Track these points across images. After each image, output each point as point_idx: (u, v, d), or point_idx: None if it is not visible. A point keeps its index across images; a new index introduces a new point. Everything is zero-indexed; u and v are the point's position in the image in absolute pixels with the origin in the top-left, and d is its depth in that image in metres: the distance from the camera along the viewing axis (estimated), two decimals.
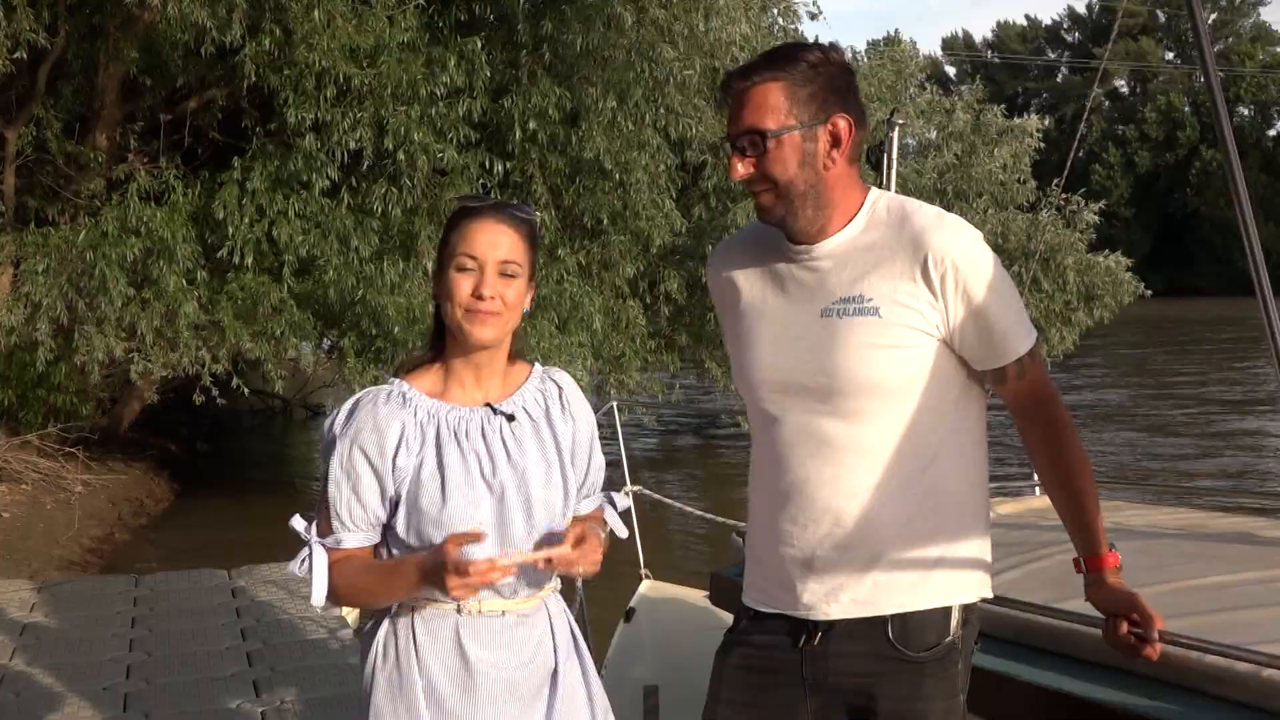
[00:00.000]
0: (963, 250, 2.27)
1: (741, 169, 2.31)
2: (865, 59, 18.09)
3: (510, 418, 2.36)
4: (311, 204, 10.77)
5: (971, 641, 2.42)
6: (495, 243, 2.27)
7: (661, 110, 12.23)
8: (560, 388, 2.47)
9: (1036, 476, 2.48)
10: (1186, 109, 72.32)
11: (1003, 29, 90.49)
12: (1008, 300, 2.31)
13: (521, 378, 2.44)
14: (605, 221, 12.23)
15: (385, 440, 2.29)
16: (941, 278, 2.26)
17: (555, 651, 2.42)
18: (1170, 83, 76.83)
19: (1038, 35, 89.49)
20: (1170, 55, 79.70)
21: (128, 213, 10.24)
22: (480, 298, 2.26)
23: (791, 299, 2.39)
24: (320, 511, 2.36)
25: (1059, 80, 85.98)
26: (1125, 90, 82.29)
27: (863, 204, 2.37)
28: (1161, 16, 78.85)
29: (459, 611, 2.30)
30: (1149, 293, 18.50)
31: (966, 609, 2.38)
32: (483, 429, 2.33)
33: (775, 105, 2.28)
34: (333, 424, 2.35)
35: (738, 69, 2.36)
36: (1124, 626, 2.26)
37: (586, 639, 2.55)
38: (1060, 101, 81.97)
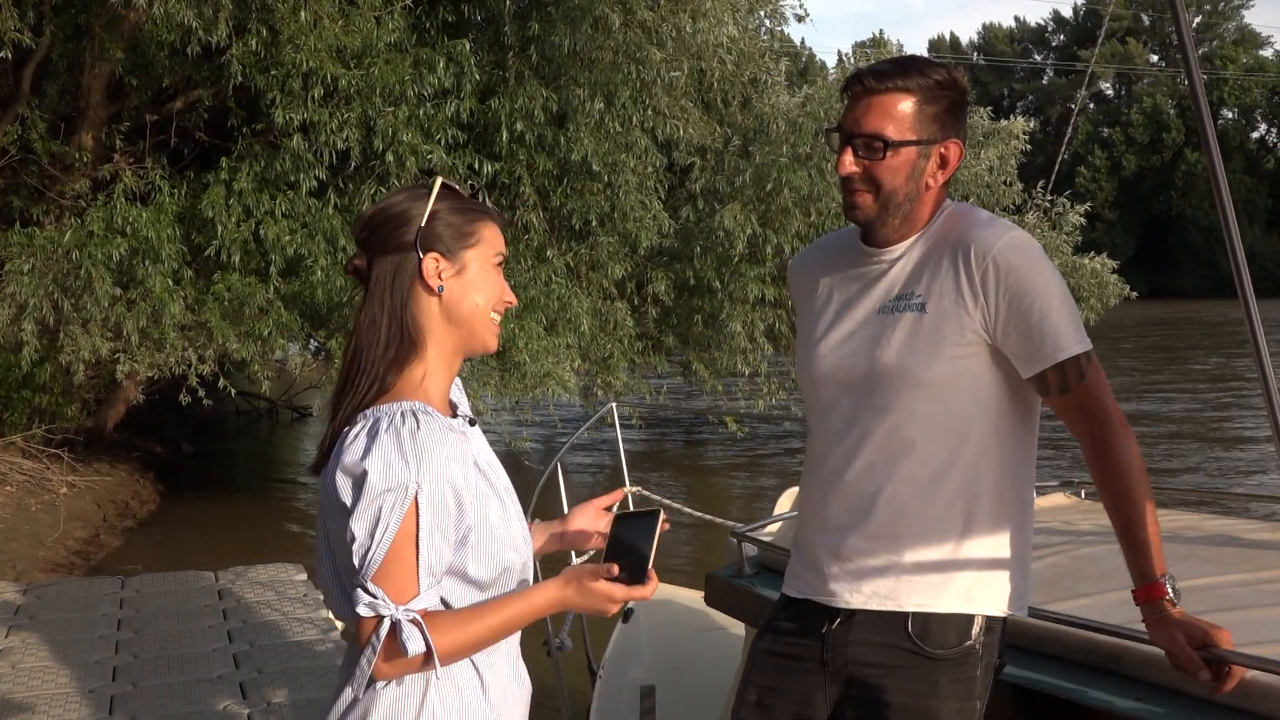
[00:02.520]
0: (1006, 249, 2.30)
1: (852, 166, 2.37)
2: (852, 60, 18.10)
3: (472, 422, 2.19)
4: (299, 204, 10.75)
5: (995, 653, 2.43)
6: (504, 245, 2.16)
7: (649, 112, 12.25)
8: (457, 380, 2.30)
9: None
10: (1172, 111, 72.57)
11: (989, 31, 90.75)
12: (1055, 303, 2.30)
13: None
14: (593, 223, 12.23)
15: (463, 476, 1.96)
16: (983, 275, 2.30)
17: None
18: (1156, 85, 77.09)
19: (1024, 37, 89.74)
20: (1155, 58, 79.96)
21: (113, 213, 10.21)
22: (510, 301, 2.13)
23: (859, 297, 2.47)
24: (387, 571, 1.89)
25: (1045, 82, 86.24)
26: (1111, 92, 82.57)
27: (937, 211, 2.45)
28: (1146, 19, 79.12)
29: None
30: (1134, 295, 18.57)
31: (991, 619, 2.39)
32: (475, 442, 2.13)
33: (902, 116, 2.36)
34: (386, 460, 1.89)
35: (871, 68, 2.40)
36: (1201, 668, 2.25)
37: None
38: (1046, 104, 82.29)
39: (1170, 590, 2.33)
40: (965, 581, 2.37)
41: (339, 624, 7.15)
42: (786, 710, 2.45)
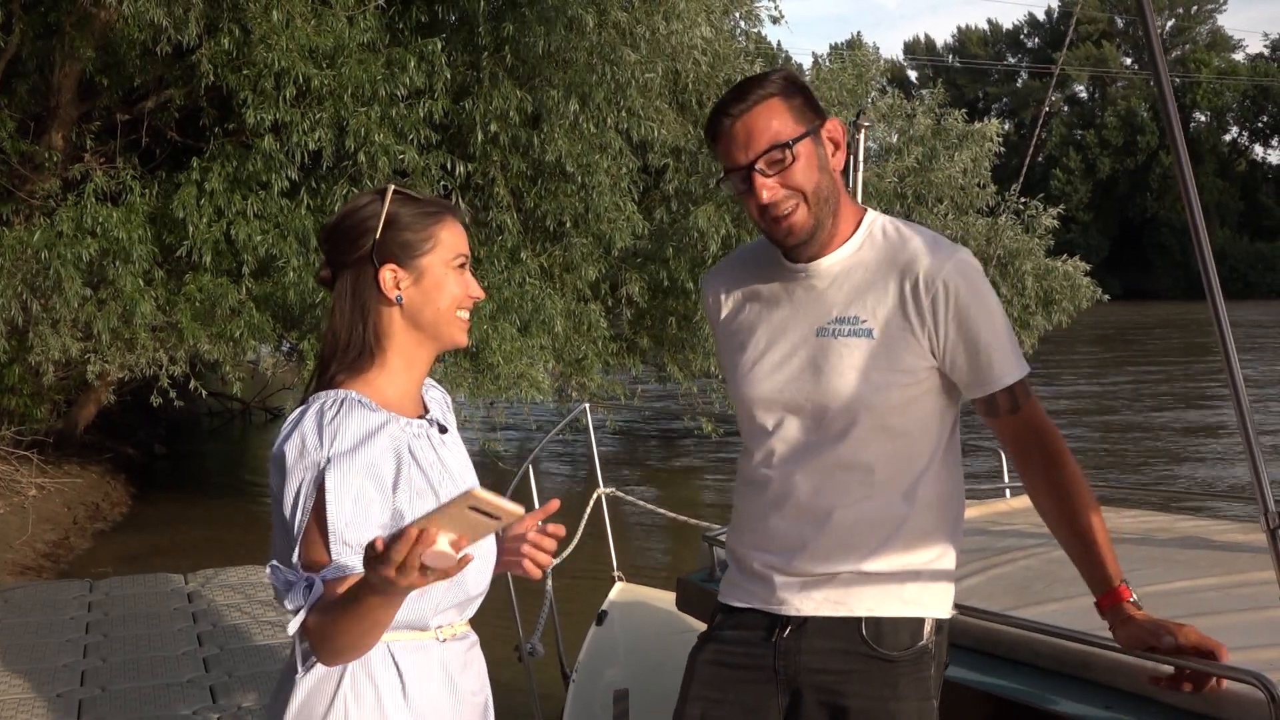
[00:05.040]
0: (953, 273, 2.30)
1: (769, 193, 2.30)
2: (827, 62, 18.13)
3: (443, 430, 2.20)
4: (271, 205, 10.70)
5: (944, 652, 2.46)
6: (466, 241, 2.17)
7: (623, 113, 12.23)
8: (445, 395, 2.34)
9: (1034, 505, 2.46)
10: (1145, 114, 73.03)
11: (964, 34, 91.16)
12: (998, 328, 2.33)
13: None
14: (567, 224, 12.21)
15: (383, 457, 1.99)
16: (932, 300, 2.30)
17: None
18: (1130, 88, 77.59)
19: (998, 40, 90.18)
20: (1129, 61, 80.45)
21: (84, 213, 10.13)
22: (475, 297, 2.14)
23: (788, 317, 2.42)
24: (304, 540, 1.94)
25: (1019, 85, 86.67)
26: (1085, 95, 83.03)
27: (860, 222, 2.42)
28: (1120, 22, 79.59)
29: (440, 640, 2.11)
30: (1107, 297, 18.64)
31: (939, 620, 2.42)
32: (431, 442, 2.14)
33: (782, 117, 2.31)
34: (302, 439, 1.96)
35: (725, 100, 2.34)
36: (1177, 673, 2.25)
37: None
38: (1020, 106, 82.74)
39: (1132, 592, 2.34)
40: (914, 588, 2.38)
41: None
42: None
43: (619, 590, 5.06)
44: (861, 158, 4.55)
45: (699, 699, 2.45)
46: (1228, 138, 77.99)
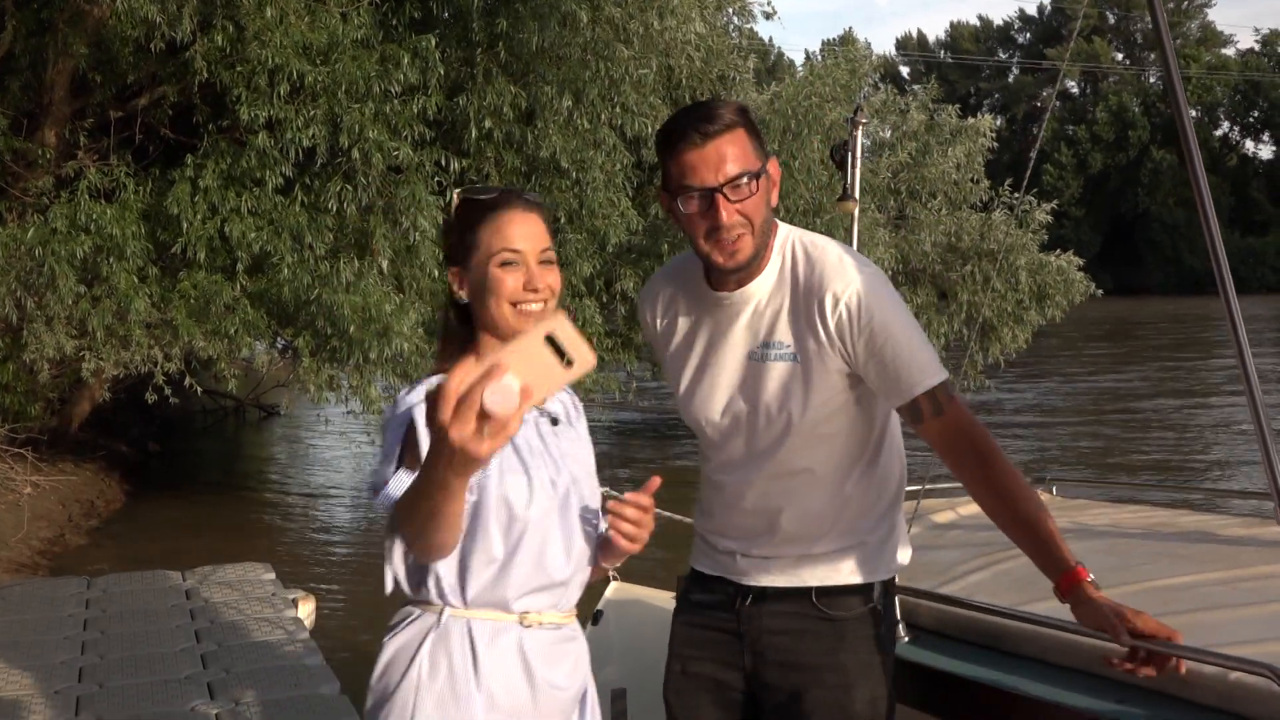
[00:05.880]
0: (855, 294, 2.42)
1: (728, 216, 2.39)
2: (820, 58, 18.13)
3: (555, 420, 2.30)
4: (265, 201, 10.68)
5: (894, 612, 2.73)
6: (531, 234, 2.22)
7: (617, 109, 12.23)
8: (572, 397, 2.44)
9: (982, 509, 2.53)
10: (1137, 110, 73.13)
11: (955, 30, 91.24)
12: (908, 337, 2.44)
13: None
14: (561, 220, 12.21)
15: None
16: (838, 323, 2.43)
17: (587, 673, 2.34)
18: (1121, 84, 77.67)
19: (990, 36, 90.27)
20: (1120, 56, 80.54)
21: (77, 210, 10.12)
22: (535, 290, 2.19)
23: (719, 342, 2.56)
24: (397, 476, 2.04)
25: (1010, 80, 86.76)
26: (1076, 91, 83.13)
27: (773, 246, 2.53)
28: (1112, 18, 79.69)
29: (522, 624, 2.16)
30: (1099, 292, 18.67)
31: (886, 583, 2.63)
32: (538, 430, 2.23)
33: (746, 148, 2.43)
34: (400, 396, 2.13)
35: (698, 119, 2.42)
36: (1133, 653, 2.28)
37: None
38: (1012, 101, 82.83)
39: (1090, 573, 2.39)
40: (860, 560, 2.60)
41: (308, 624, 7.11)
42: (708, 676, 2.66)
43: (614, 589, 5.05)
44: (859, 153, 4.56)
45: (679, 655, 2.72)
46: (1219, 133, 78.11)
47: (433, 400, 1.65)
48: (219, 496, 14.52)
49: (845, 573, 2.59)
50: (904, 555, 2.68)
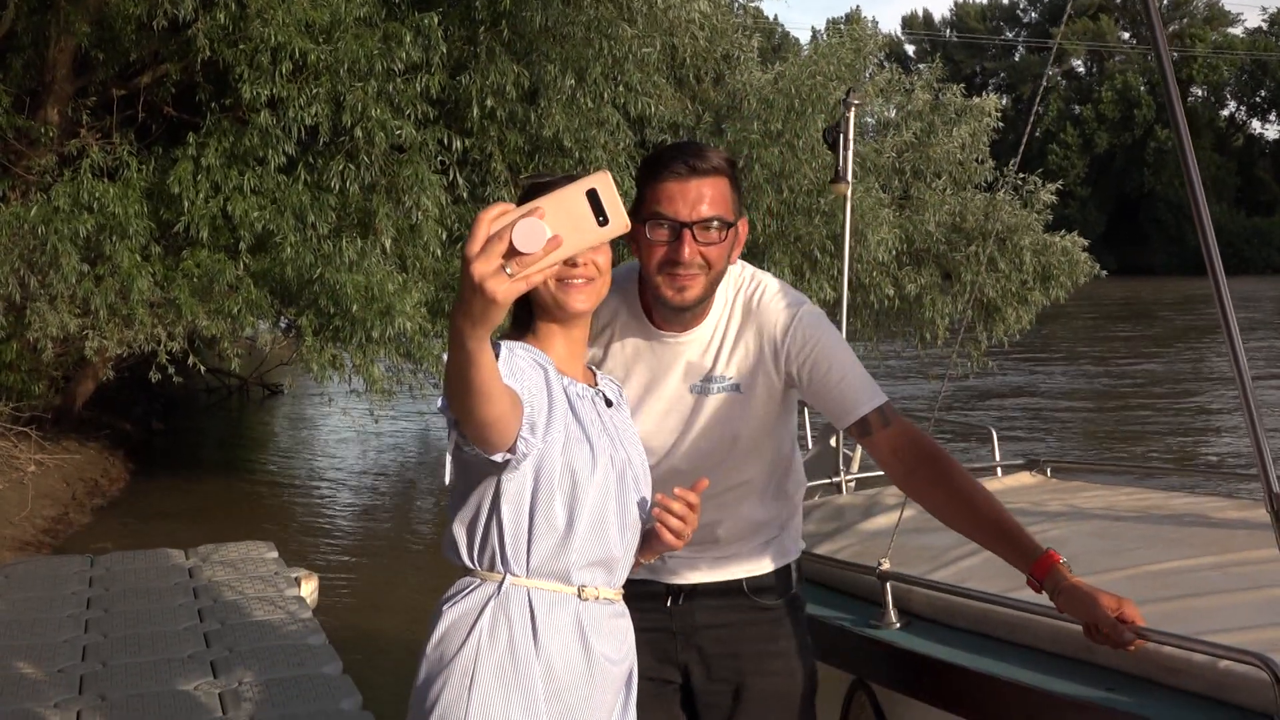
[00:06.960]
0: (798, 328, 2.59)
1: (689, 253, 2.46)
2: (825, 36, 18.05)
3: (609, 402, 2.36)
4: (267, 180, 10.66)
5: (801, 590, 2.92)
6: None
7: (621, 88, 12.18)
8: (620, 387, 2.50)
9: (936, 514, 2.65)
10: (1143, 89, 72.85)
11: (961, 8, 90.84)
12: (852, 361, 2.61)
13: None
14: None
15: (545, 364, 2.20)
16: (786, 355, 2.59)
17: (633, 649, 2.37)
18: (1127, 63, 77.36)
19: (996, 14, 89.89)
20: (1126, 35, 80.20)
21: (80, 189, 10.10)
22: (576, 266, 2.29)
23: (662, 374, 2.64)
24: None
25: (1016, 60, 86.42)
26: (1082, 70, 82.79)
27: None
28: None
29: (580, 597, 2.19)
30: (1104, 273, 18.62)
31: (796, 562, 2.86)
32: (595, 407, 2.29)
33: (727, 197, 2.51)
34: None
35: (689, 154, 2.48)
36: (1107, 631, 2.32)
37: None
38: (1018, 81, 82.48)
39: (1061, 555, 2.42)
40: (779, 546, 2.81)
41: (310, 603, 7.13)
42: (644, 674, 2.58)
43: None
44: (851, 136, 4.56)
45: None
46: (1225, 113, 77.88)
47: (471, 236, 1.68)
48: (222, 475, 14.55)
49: (767, 563, 2.78)
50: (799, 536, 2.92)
